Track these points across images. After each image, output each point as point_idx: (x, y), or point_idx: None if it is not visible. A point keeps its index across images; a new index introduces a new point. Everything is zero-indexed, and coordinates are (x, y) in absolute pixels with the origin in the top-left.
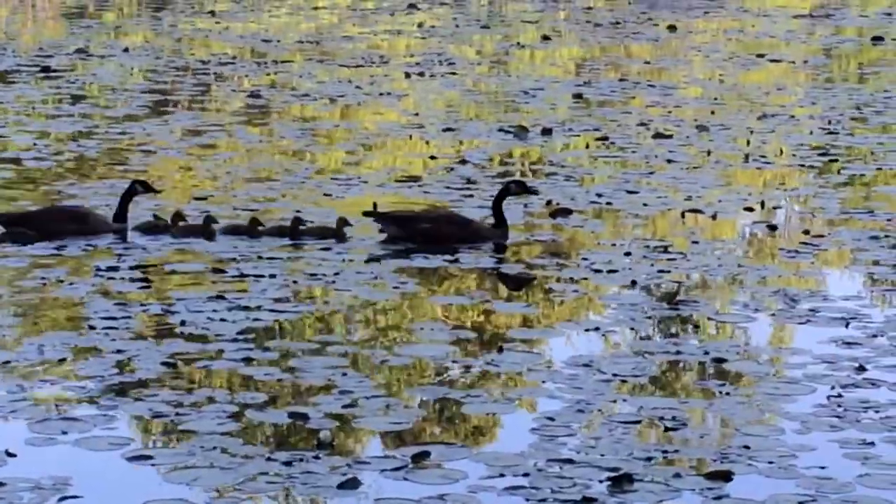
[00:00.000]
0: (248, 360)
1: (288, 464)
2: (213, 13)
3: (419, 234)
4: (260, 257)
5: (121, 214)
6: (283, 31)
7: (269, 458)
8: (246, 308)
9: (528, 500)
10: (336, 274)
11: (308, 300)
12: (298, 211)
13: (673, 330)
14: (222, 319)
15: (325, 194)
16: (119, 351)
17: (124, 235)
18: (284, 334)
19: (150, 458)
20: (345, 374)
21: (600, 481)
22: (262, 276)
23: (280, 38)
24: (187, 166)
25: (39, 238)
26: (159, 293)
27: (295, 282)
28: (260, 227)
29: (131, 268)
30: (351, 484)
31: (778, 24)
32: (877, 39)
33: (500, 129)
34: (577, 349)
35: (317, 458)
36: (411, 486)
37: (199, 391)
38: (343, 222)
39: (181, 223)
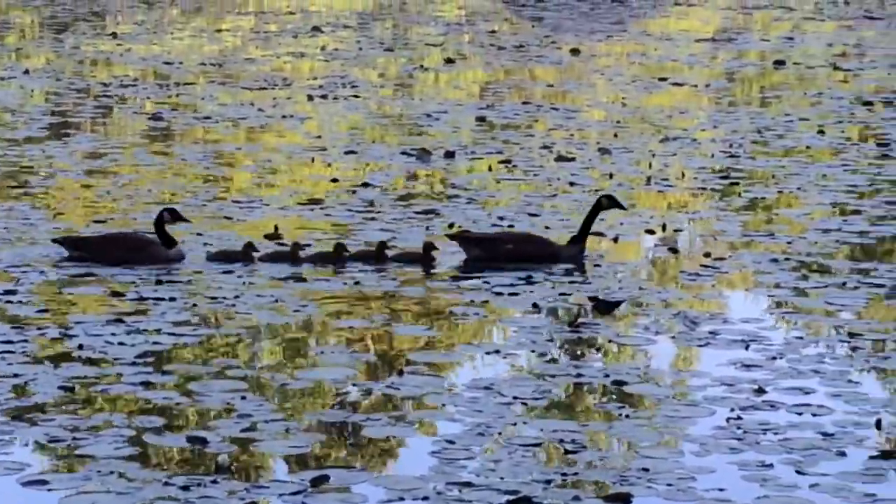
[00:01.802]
0: (146, 384)
1: (186, 488)
2: (114, 35)
3: (502, 255)
4: (160, 281)
5: (167, 240)
6: (185, 53)
7: (166, 483)
8: (145, 332)
9: None
10: (236, 297)
11: (208, 324)
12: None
13: (574, 353)
14: (121, 343)
15: (226, 217)
16: (16, 375)
17: (181, 258)
18: (183, 358)
19: (46, 482)
20: (244, 398)
21: None
22: (163, 300)
23: (182, 61)
24: (88, 188)
25: (96, 262)
26: (57, 317)
27: (195, 305)
28: (301, 252)
29: (30, 291)
30: None
31: (681, 48)
32: (778, 63)
33: (403, 152)
34: (478, 372)
35: (215, 482)
36: None
37: (96, 415)
38: (430, 247)
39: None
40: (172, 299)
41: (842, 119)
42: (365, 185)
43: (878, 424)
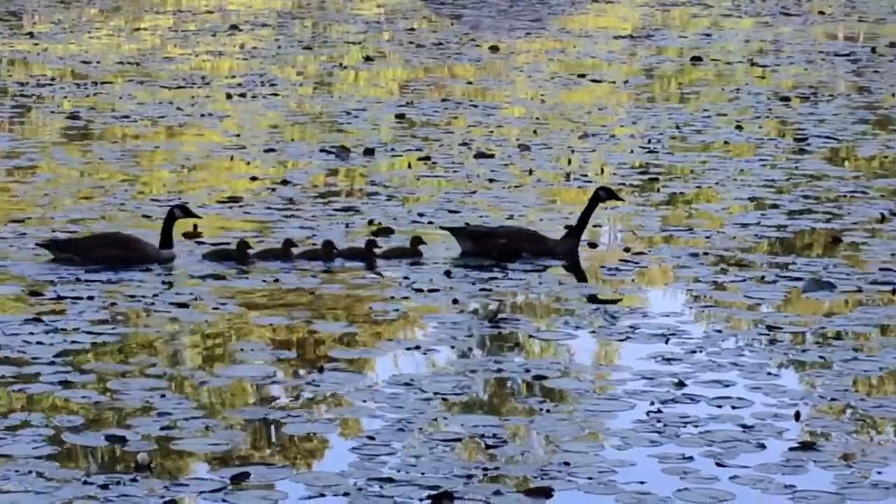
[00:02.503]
0: (65, 384)
1: (105, 487)
2: (31, 35)
3: (496, 249)
4: (78, 280)
5: (166, 241)
6: (103, 52)
7: (85, 482)
8: (63, 330)
9: None
10: (155, 296)
11: (127, 322)
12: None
13: (494, 348)
14: (39, 342)
15: (144, 216)
16: None
17: (171, 262)
18: (102, 357)
19: None
20: (163, 396)
21: (420, 500)
22: (81, 299)
23: (100, 60)
24: (5, 188)
25: (84, 264)
26: None
27: (114, 304)
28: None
29: None
30: None
31: (599, 45)
32: (696, 60)
33: (323, 150)
34: (399, 368)
35: (134, 480)
36: None
37: (14, 415)
38: (417, 241)
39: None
40: (91, 298)
41: (759, 114)
42: (284, 182)
43: (797, 416)
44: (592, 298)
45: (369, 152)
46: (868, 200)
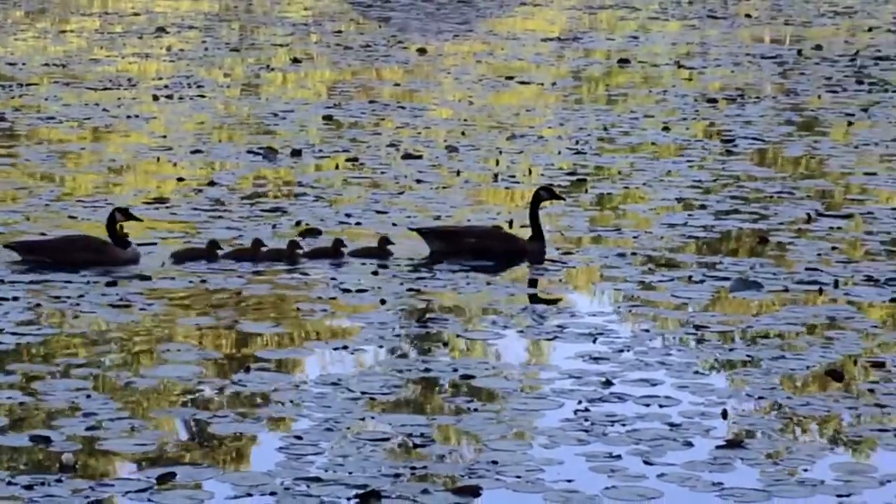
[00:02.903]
0: None
1: (29, 487)
2: None
3: (466, 249)
4: (2, 281)
5: (121, 240)
6: (29, 54)
7: (9, 483)
8: None
9: None
10: (81, 296)
11: (52, 323)
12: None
13: (422, 347)
14: None
15: (70, 217)
16: None
17: (137, 260)
18: (27, 357)
19: None
20: (89, 397)
21: (348, 499)
22: (6, 300)
23: (26, 62)
24: None
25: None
26: None
27: (38, 304)
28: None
29: None
30: None
31: (527, 48)
32: (623, 62)
33: (250, 151)
34: (326, 368)
35: (59, 481)
36: None
37: None
38: (386, 241)
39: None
40: (16, 299)
41: (686, 116)
42: (211, 183)
43: (724, 415)
44: (521, 298)
45: (297, 154)
46: (794, 201)
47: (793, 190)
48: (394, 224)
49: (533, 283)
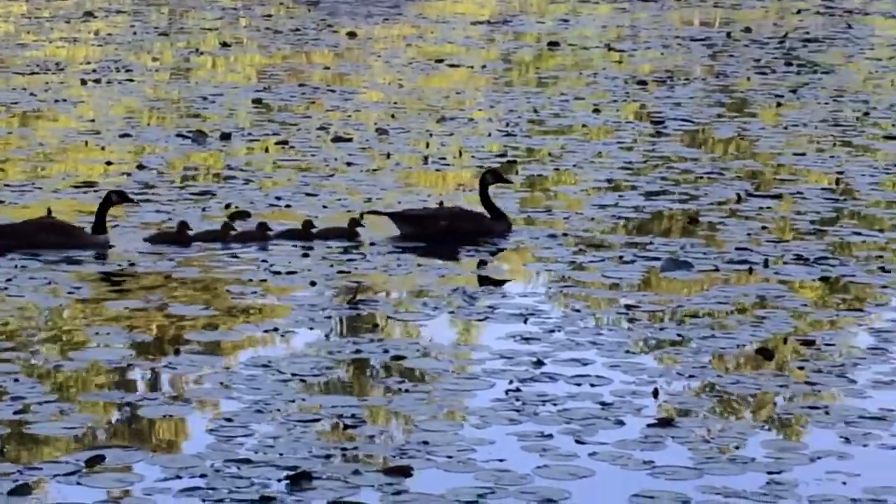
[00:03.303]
0: None
1: None
2: None
3: (436, 231)
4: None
5: (99, 226)
6: None
7: None
8: None
9: (204, 500)
10: (9, 280)
11: None
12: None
13: (353, 329)
14: None
15: None
16: None
17: (106, 247)
18: None
19: None
20: (17, 381)
21: (279, 480)
22: None
23: None
24: None
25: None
26: None
27: None
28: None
29: None
30: (21, 490)
31: (457, 31)
32: (553, 45)
33: (179, 135)
34: (256, 350)
35: None
36: (85, 491)
37: None
38: (355, 223)
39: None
40: None
41: (616, 98)
42: (140, 167)
43: (655, 393)
44: (452, 280)
45: (226, 137)
46: (724, 182)
47: (722, 171)
48: (324, 206)
49: (464, 264)
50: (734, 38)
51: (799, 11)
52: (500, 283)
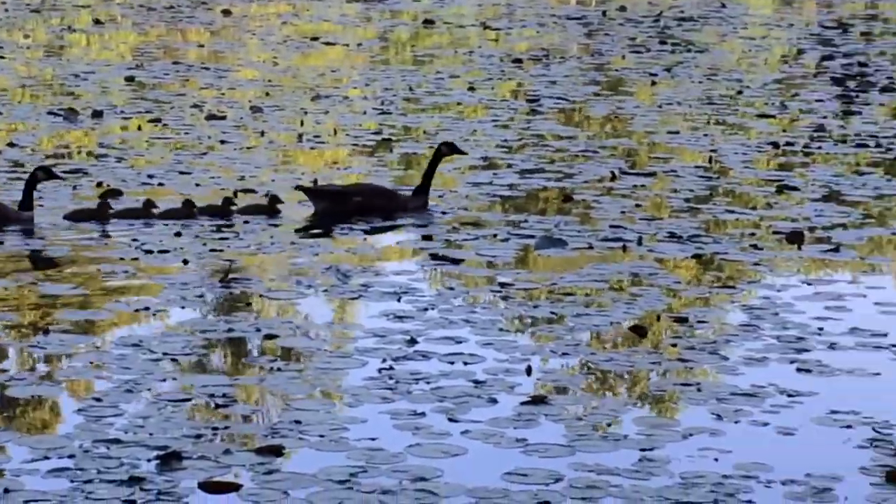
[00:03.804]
0: None
1: None
2: None
3: (351, 207)
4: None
5: (26, 202)
6: None
7: None
8: None
9: (73, 481)
10: None
11: None
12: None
13: (225, 308)
14: None
15: None
16: None
17: (31, 224)
18: None
19: None
20: None
21: (149, 460)
22: None
23: None
24: None
25: None
26: None
27: None
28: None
29: None
30: None
31: (333, 9)
32: (428, 23)
33: (50, 112)
34: (127, 329)
35: None
36: None
37: None
38: (275, 199)
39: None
40: None
41: (492, 76)
42: (11, 145)
43: (528, 371)
44: (325, 258)
45: (98, 115)
46: (599, 160)
47: (597, 149)
48: (197, 185)
49: (338, 241)
50: (609, 16)
51: None
52: (374, 260)
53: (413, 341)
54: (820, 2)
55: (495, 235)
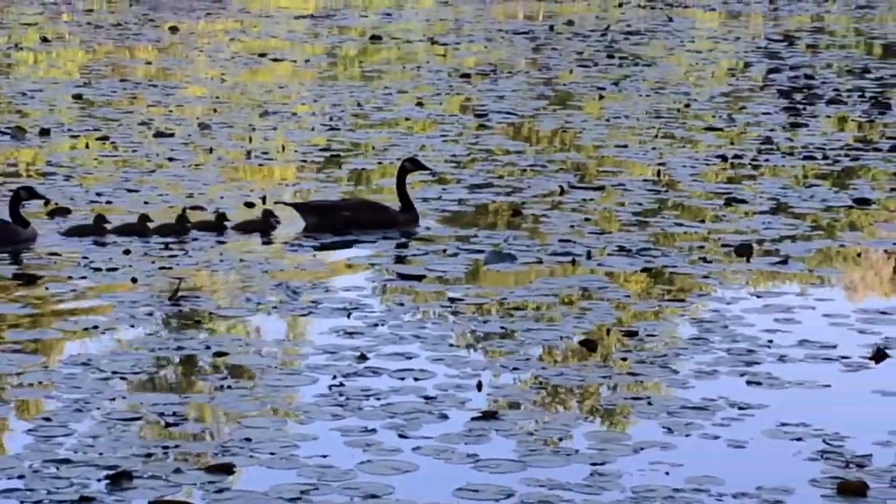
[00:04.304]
0: None
1: None
2: None
3: (339, 222)
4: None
5: (19, 219)
6: None
7: None
8: None
9: (23, 502)
10: None
11: None
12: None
13: (175, 326)
14: None
15: None
16: None
17: (34, 240)
18: None
19: None
20: None
21: (99, 480)
22: None
23: None
24: None
25: None
26: None
27: None
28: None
29: None
30: None
31: (280, 25)
32: (375, 38)
33: None
34: (76, 348)
35: None
36: None
37: None
38: (269, 214)
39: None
40: None
41: (440, 92)
42: None
43: (479, 386)
44: (275, 275)
45: (45, 133)
46: (548, 174)
47: (546, 163)
48: (146, 202)
49: (287, 259)
50: (557, 31)
51: (620, 5)
52: (324, 277)
53: (363, 357)
54: (766, 15)
55: (445, 250)
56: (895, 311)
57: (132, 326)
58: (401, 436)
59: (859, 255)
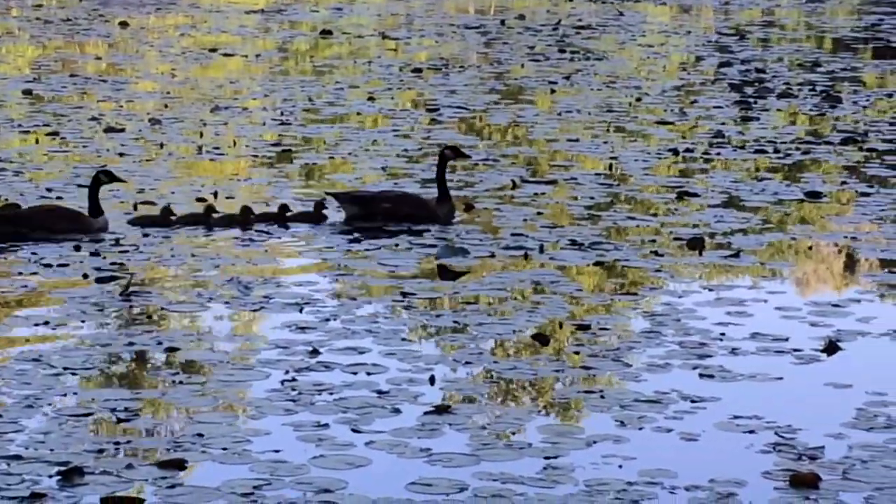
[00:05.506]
0: None
1: None
2: None
3: (380, 213)
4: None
5: (95, 208)
6: None
7: None
8: None
9: None
10: None
11: None
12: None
13: (126, 321)
14: None
15: None
16: None
17: (106, 229)
18: None
19: None
20: None
21: (50, 476)
22: None
23: None
24: None
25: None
26: None
27: None
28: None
29: None
30: None
31: (231, 20)
32: (326, 33)
33: None
34: (26, 344)
35: None
36: None
37: None
38: (321, 205)
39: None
40: None
41: (392, 86)
42: None
43: (432, 380)
44: (226, 269)
45: None
46: (500, 168)
47: (498, 157)
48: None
49: (240, 254)
50: (508, 25)
51: None
52: (276, 272)
53: (315, 352)
54: (717, 9)
55: (397, 245)
56: (847, 304)
57: (83, 322)
58: (353, 430)
59: (811, 248)
